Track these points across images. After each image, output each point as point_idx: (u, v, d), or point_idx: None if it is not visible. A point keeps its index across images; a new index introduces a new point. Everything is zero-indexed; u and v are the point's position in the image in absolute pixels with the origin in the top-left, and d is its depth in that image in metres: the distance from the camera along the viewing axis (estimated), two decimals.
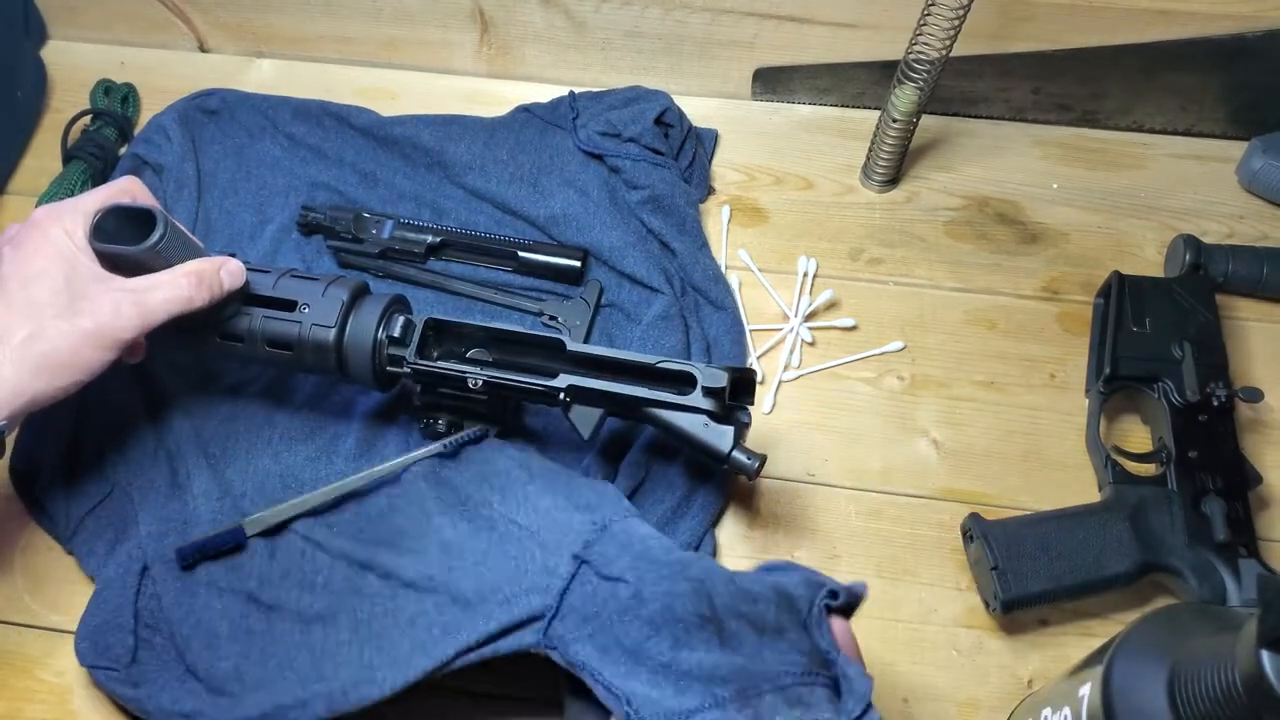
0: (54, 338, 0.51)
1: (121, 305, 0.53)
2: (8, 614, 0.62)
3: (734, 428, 0.56)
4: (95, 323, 0.52)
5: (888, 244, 0.77)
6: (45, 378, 0.51)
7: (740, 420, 0.57)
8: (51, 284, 0.52)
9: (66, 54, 0.88)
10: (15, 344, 0.51)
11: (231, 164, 0.78)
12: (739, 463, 0.56)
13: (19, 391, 0.51)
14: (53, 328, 0.51)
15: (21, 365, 0.51)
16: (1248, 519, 0.61)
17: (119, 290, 0.53)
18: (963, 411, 0.69)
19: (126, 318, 0.53)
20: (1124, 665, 0.43)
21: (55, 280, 0.52)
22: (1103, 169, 0.81)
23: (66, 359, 0.52)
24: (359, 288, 0.60)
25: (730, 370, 0.56)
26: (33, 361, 0.51)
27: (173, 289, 0.54)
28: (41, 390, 0.52)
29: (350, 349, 0.58)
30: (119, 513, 0.63)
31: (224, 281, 0.56)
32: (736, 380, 0.57)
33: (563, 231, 0.73)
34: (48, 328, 0.51)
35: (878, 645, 0.61)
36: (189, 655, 0.57)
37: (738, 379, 0.57)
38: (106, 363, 0.53)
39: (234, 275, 0.57)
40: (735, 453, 0.56)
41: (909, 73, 0.69)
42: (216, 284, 0.56)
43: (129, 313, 0.53)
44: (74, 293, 0.52)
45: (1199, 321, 0.67)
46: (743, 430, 0.57)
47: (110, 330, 0.52)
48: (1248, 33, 0.73)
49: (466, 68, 0.86)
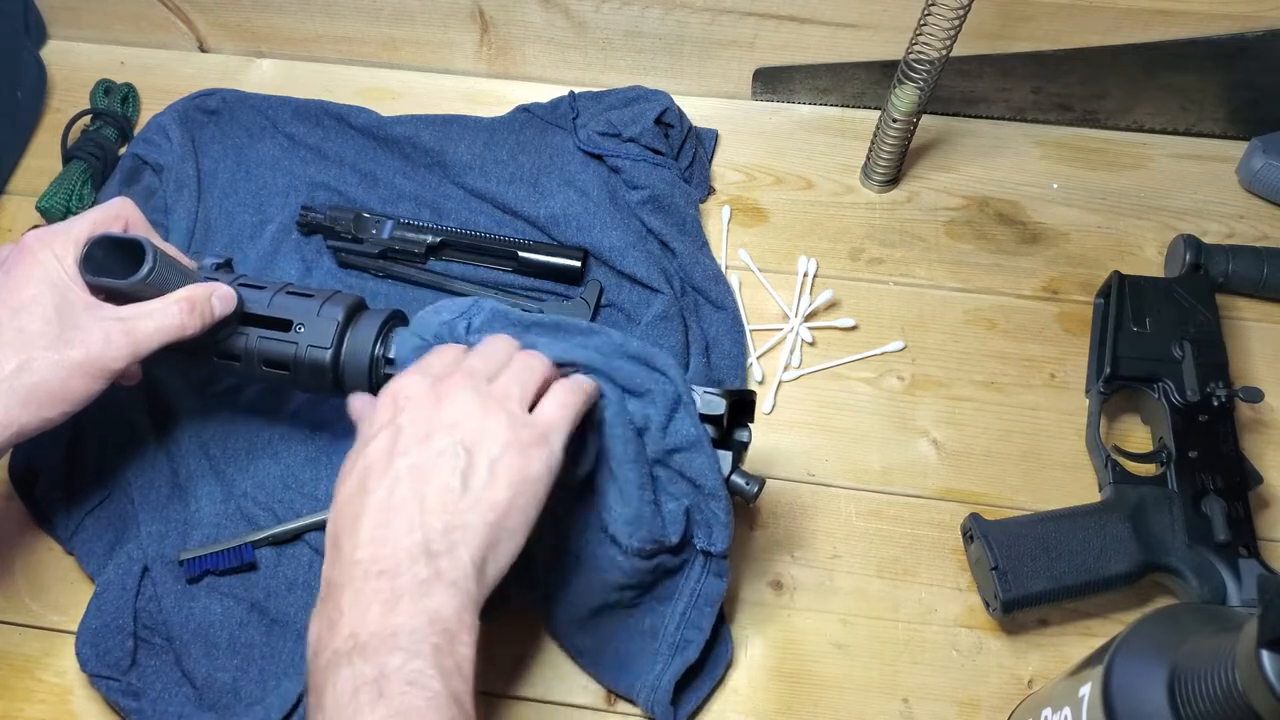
0: (43, 369, 0.51)
1: (112, 335, 0.52)
2: (8, 614, 0.62)
3: (732, 451, 0.55)
4: (86, 353, 0.51)
5: (888, 244, 0.77)
6: (33, 409, 0.51)
7: (739, 441, 0.56)
8: (42, 313, 0.51)
9: (66, 54, 0.88)
10: (4, 375, 0.50)
11: (231, 164, 0.78)
12: (737, 487, 0.54)
13: (7, 423, 0.50)
14: (42, 359, 0.51)
15: (10, 397, 0.50)
16: (1248, 519, 0.61)
17: (110, 319, 0.52)
18: (963, 411, 0.69)
19: (117, 347, 0.52)
20: (1124, 665, 0.43)
21: (45, 309, 0.51)
22: (1103, 169, 0.81)
23: (56, 390, 0.51)
24: (355, 305, 0.58)
25: (728, 394, 0.54)
26: (22, 393, 0.50)
27: (164, 317, 0.53)
28: (29, 422, 0.51)
29: (347, 368, 0.57)
30: (119, 513, 0.63)
31: (215, 308, 0.55)
32: (735, 403, 0.55)
33: (563, 231, 0.73)
34: (37, 359, 0.50)
35: (878, 645, 0.61)
36: (186, 661, 0.58)
37: (735, 402, 0.55)
38: (97, 392, 0.53)
39: (225, 301, 0.56)
40: (734, 476, 0.54)
41: (909, 73, 0.69)
42: (208, 311, 0.55)
43: (119, 342, 0.52)
44: (64, 322, 0.52)
45: (1199, 321, 0.67)
46: (741, 451, 0.56)
47: (101, 360, 0.52)
48: (1248, 33, 0.73)
49: (466, 68, 0.86)
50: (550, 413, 0.48)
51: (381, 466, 0.45)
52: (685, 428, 0.52)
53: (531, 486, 0.46)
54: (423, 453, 0.45)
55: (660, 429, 0.52)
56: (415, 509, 0.44)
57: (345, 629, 0.42)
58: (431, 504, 0.44)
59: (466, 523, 0.44)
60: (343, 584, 0.43)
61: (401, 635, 0.41)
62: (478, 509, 0.44)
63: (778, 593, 0.63)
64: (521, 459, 0.46)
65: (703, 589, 0.56)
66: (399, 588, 0.42)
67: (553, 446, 0.47)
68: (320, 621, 0.43)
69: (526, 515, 0.46)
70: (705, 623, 0.57)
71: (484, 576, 0.44)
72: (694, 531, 0.55)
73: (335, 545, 0.45)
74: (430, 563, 0.43)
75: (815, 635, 0.61)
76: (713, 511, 0.54)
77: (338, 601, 0.42)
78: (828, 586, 0.63)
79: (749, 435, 0.56)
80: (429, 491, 0.44)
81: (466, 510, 0.44)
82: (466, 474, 0.45)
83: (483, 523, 0.44)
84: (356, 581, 0.42)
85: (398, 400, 0.48)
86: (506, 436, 0.46)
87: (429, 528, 0.43)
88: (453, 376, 0.48)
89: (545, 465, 0.47)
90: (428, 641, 0.41)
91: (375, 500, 0.44)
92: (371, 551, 0.43)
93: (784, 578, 0.63)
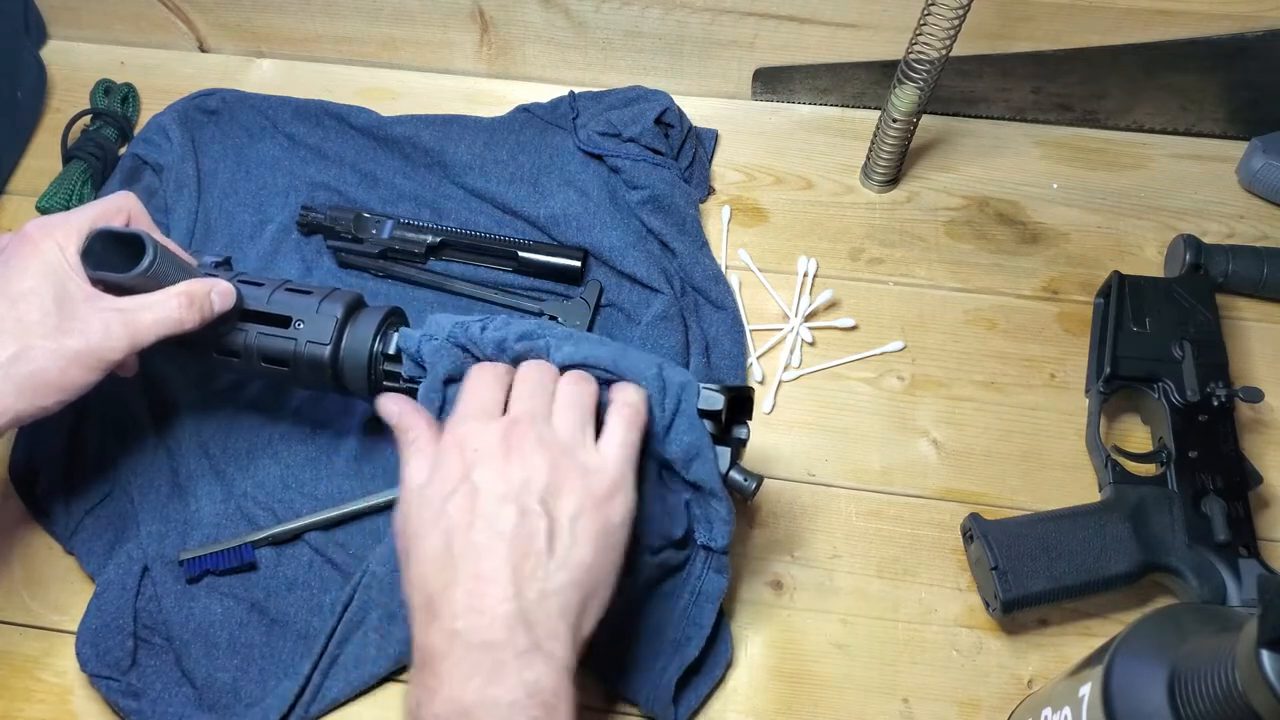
0: (41, 358, 0.51)
1: (111, 326, 0.52)
2: (8, 614, 0.62)
3: (730, 447, 0.54)
4: (84, 343, 0.51)
5: (888, 244, 0.77)
6: (29, 397, 0.51)
7: (737, 437, 0.55)
8: (40, 302, 0.51)
9: (66, 54, 0.88)
10: (1, 362, 0.50)
11: (231, 164, 0.78)
12: (735, 484, 0.54)
13: (3, 410, 0.50)
14: (40, 348, 0.51)
15: (6, 384, 0.50)
16: (1248, 519, 0.61)
17: (109, 310, 0.53)
18: (963, 411, 0.69)
19: (116, 338, 0.52)
20: (1124, 665, 0.43)
21: (44, 298, 0.51)
22: (1103, 169, 0.81)
23: (53, 379, 0.51)
24: (354, 301, 0.59)
25: (727, 390, 0.54)
26: (18, 381, 0.50)
27: (163, 310, 0.53)
28: (25, 410, 0.51)
29: (346, 365, 0.57)
30: (119, 512, 0.63)
31: (214, 303, 0.55)
32: (733, 399, 0.54)
33: (563, 231, 0.73)
34: (35, 347, 0.51)
35: (878, 645, 0.61)
36: (186, 661, 0.58)
37: (734, 398, 0.54)
38: (93, 383, 0.53)
39: (224, 296, 0.56)
40: (732, 473, 0.54)
41: (909, 73, 0.69)
42: (207, 305, 0.55)
43: (118, 333, 0.52)
44: (63, 312, 0.52)
45: (1199, 321, 0.67)
46: (740, 448, 0.55)
47: (99, 351, 0.52)
48: (1248, 33, 0.73)
49: (466, 68, 0.86)
50: (617, 456, 0.48)
51: (464, 528, 0.45)
52: (686, 435, 0.52)
53: (613, 538, 0.46)
54: (505, 516, 0.45)
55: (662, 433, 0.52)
56: (508, 577, 0.43)
57: (444, 694, 0.42)
58: (522, 571, 0.44)
59: (559, 587, 0.44)
60: (442, 653, 0.43)
61: (502, 706, 0.41)
62: (566, 569, 0.44)
63: (778, 593, 0.63)
64: (600, 513, 0.46)
65: (703, 585, 0.56)
66: (500, 659, 0.42)
67: (627, 491, 0.48)
68: (420, 690, 0.43)
69: (612, 567, 0.46)
70: (706, 620, 0.57)
71: (578, 638, 0.45)
72: (695, 527, 0.55)
73: (430, 610, 0.44)
74: (528, 632, 0.43)
75: (815, 635, 0.61)
76: (713, 508, 0.54)
77: (436, 670, 0.42)
78: (828, 586, 0.63)
79: (747, 432, 0.56)
80: (519, 558, 0.44)
81: (556, 573, 0.44)
82: (552, 536, 0.45)
83: (573, 584, 0.44)
84: (457, 651, 0.42)
85: (465, 451, 0.47)
86: (583, 491, 0.46)
87: (524, 597, 0.43)
88: (519, 427, 0.47)
89: (624, 513, 0.47)
90: (527, 714, 0.41)
91: (468, 567, 0.44)
92: (469, 622, 0.43)
93: (784, 578, 0.63)
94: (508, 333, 0.53)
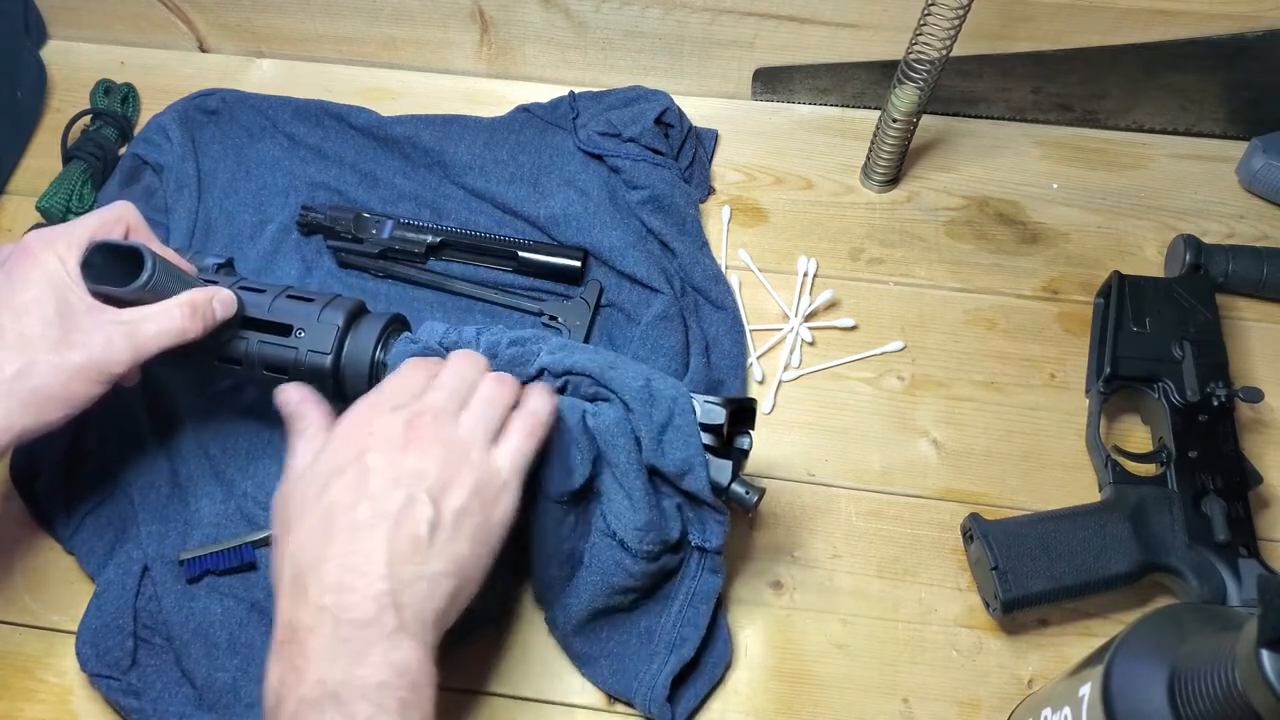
0: (44, 373, 0.50)
1: (114, 338, 0.52)
2: (8, 614, 0.62)
3: (732, 460, 0.54)
4: (87, 357, 0.51)
5: (888, 244, 0.77)
6: (34, 412, 0.51)
7: (739, 449, 0.55)
8: (43, 316, 0.51)
9: (66, 54, 0.88)
10: (5, 378, 0.50)
11: (231, 164, 0.78)
12: (737, 496, 0.54)
13: (7, 426, 0.50)
14: (44, 362, 0.50)
15: (11, 400, 0.50)
16: (1248, 519, 0.61)
17: (111, 323, 0.52)
18: (963, 411, 0.69)
19: (119, 351, 0.52)
20: (1124, 665, 0.43)
21: (47, 312, 0.51)
22: (1103, 169, 0.81)
23: (57, 393, 0.51)
24: (355, 309, 0.58)
25: (728, 402, 0.54)
26: (22, 396, 0.50)
27: (166, 321, 0.53)
28: (30, 425, 0.51)
29: (347, 374, 0.57)
30: (119, 513, 0.63)
31: (216, 311, 0.55)
32: (735, 411, 0.54)
33: (563, 231, 0.73)
34: (38, 362, 0.50)
35: (878, 645, 0.61)
36: (186, 661, 0.58)
37: (736, 410, 0.54)
38: (96, 396, 0.52)
39: (226, 305, 0.56)
40: (734, 485, 0.54)
41: (909, 73, 0.69)
42: (209, 314, 0.55)
43: (121, 345, 0.52)
44: (66, 325, 0.51)
45: (1199, 321, 0.67)
46: (742, 459, 0.55)
47: (102, 364, 0.52)
48: (1248, 33, 0.73)
49: (466, 68, 0.86)
50: (510, 459, 0.49)
51: (348, 505, 0.45)
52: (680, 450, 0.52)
53: (490, 537, 0.47)
54: (391, 500, 0.45)
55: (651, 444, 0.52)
56: (384, 558, 0.44)
57: (312, 675, 0.42)
58: (400, 554, 0.44)
59: (433, 575, 0.45)
60: (309, 628, 0.43)
61: (370, 687, 0.41)
62: (441, 560, 0.45)
63: (778, 593, 0.63)
64: (483, 511, 0.47)
65: (698, 586, 0.57)
66: (368, 638, 0.42)
67: (512, 491, 0.49)
68: (282, 664, 0.43)
69: (484, 564, 0.47)
70: (701, 620, 0.57)
71: (442, 627, 0.45)
72: (689, 528, 0.55)
73: (298, 585, 0.44)
74: (398, 614, 0.43)
75: (815, 635, 0.61)
76: (706, 511, 0.54)
77: (303, 646, 0.42)
78: (828, 586, 0.63)
79: (750, 443, 0.56)
80: (397, 541, 0.44)
81: (432, 560, 0.45)
82: (434, 527, 0.45)
83: (446, 574, 0.45)
84: (324, 627, 0.42)
85: (363, 434, 0.48)
86: (471, 488, 0.47)
87: (397, 578, 0.44)
88: (422, 419, 0.48)
89: (504, 515, 0.48)
90: (395, 696, 0.41)
91: (341, 544, 0.44)
92: (338, 599, 0.43)
93: (784, 578, 0.63)
94: (501, 338, 0.54)
